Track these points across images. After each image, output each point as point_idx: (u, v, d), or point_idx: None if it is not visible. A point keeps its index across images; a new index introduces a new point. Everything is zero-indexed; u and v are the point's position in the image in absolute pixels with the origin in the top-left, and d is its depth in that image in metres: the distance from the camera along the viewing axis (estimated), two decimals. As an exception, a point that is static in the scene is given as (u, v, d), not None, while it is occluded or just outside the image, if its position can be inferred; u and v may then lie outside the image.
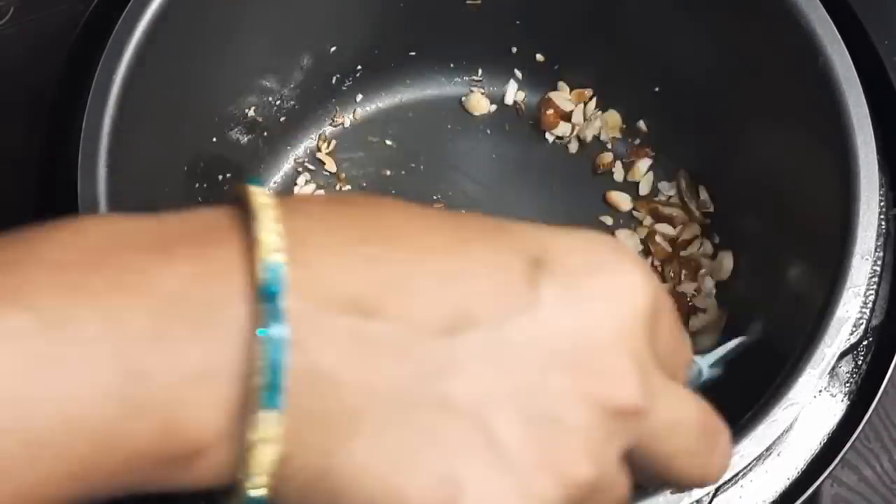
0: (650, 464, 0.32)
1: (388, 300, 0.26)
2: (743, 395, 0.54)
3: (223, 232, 0.27)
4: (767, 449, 0.48)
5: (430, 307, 0.27)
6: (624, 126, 0.73)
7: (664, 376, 0.31)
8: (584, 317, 0.29)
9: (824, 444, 0.52)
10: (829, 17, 0.55)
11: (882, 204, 0.54)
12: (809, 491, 0.51)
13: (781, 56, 0.58)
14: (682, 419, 0.32)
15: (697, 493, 0.47)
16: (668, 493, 0.46)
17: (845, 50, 0.54)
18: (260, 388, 0.25)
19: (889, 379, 0.52)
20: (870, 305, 0.53)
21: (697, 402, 0.33)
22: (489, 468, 0.27)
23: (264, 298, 0.25)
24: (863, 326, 0.53)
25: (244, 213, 0.28)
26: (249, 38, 0.64)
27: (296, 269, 0.26)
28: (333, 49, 0.69)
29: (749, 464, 0.48)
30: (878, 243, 0.54)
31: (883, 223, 0.54)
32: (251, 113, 0.67)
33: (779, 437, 0.48)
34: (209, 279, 0.26)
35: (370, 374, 0.26)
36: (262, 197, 0.28)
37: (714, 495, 0.48)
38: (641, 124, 0.72)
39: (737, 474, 0.49)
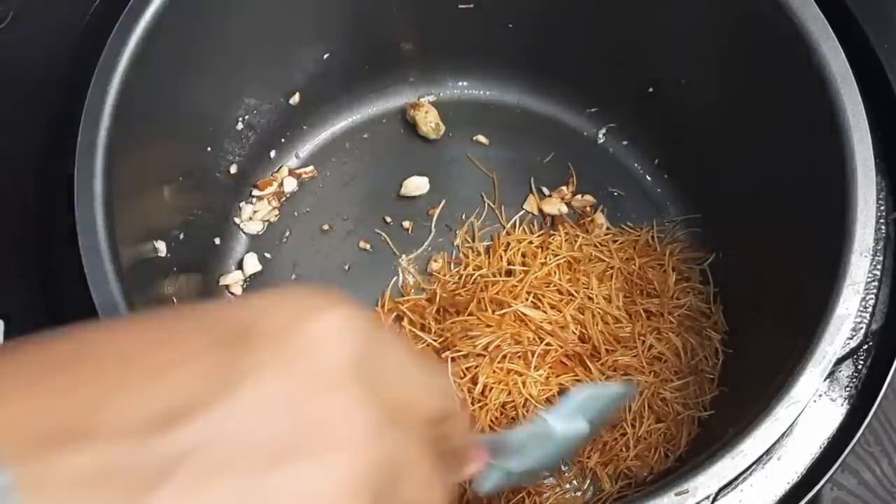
0: None
1: (90, 420, 0.26)
2: (745, 394, 0.54)
3: None
4: (769, 450, 0.48)
5: (135, 413, 0.26)
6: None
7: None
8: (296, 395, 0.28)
9: (824, 448, 0.52)
10: (822, 15, 0.55)
11: (882, 208, 0.54)
12: (810, 495, 0.51)
13: (775, 53, 0.58)
14: None
15: (699, 495, 0.47)
16: (671, 494, 0.46)
17: (839, 47, 0.54)
18: None
19: (889, 383, 0.52)
20: (870, 310, 0.53)
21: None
22: None
23: None
24: (863, 330, 0.53)
25: None
26: (242, 48, 0.64)
27: None
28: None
29: (750, 466, 0.48)
30: (879, 247, 0.54)
31: (883, 227, 0.54)
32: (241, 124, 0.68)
33: (780, 438, 0.48)
34: None
35: None
36: None
37: (714, 499, 0.48)
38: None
39: (737, 477, 0.49)
